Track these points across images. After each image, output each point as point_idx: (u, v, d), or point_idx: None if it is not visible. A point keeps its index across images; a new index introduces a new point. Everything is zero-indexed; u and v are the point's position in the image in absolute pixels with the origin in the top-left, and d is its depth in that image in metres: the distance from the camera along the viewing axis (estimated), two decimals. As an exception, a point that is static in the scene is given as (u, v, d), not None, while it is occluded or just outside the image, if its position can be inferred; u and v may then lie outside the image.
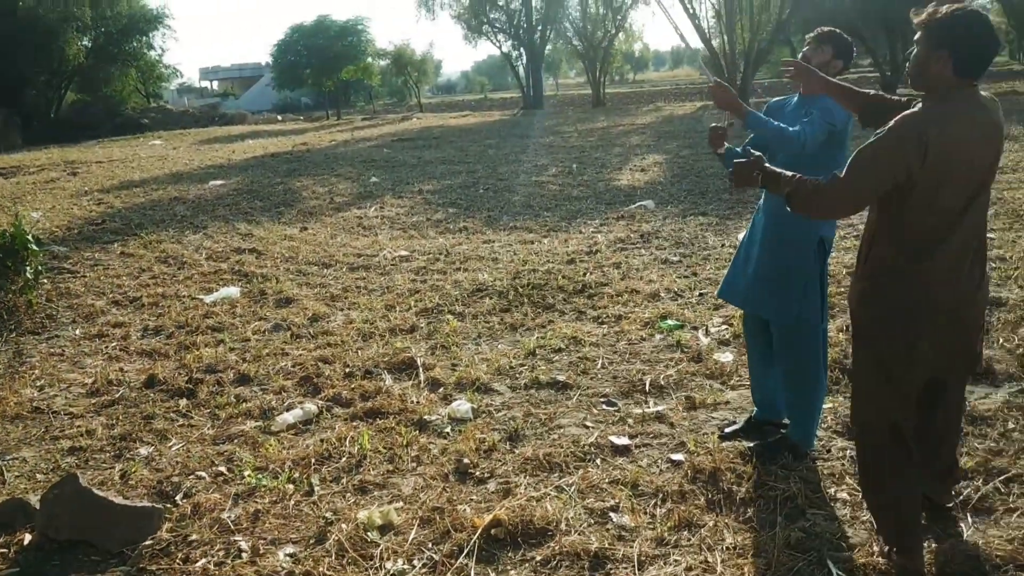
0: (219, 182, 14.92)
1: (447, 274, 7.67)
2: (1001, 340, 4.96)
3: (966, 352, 2.92)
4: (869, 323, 2.88)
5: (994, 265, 6.58)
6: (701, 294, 6.57)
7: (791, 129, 3.48)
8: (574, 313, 6.33)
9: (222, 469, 4.01)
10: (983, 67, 2.68)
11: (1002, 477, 3.47)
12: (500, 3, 35.59)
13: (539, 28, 35.75)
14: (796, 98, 3.78)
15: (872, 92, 3.20)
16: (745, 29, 32.02)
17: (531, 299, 6.68)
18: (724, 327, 5.68)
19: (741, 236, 8.17)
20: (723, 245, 8.20)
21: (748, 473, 3.65)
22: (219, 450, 4.24)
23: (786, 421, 3.99)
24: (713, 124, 3.82)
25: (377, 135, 26.37)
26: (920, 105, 2.76)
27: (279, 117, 43.70)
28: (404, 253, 8.66)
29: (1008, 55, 46.57)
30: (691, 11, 32.41)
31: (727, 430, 4.08)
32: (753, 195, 10.53)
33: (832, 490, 3.51)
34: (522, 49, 36.75)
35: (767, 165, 2.96)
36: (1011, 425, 3.92)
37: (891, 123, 2.68)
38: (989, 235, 7.50)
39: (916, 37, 2.77)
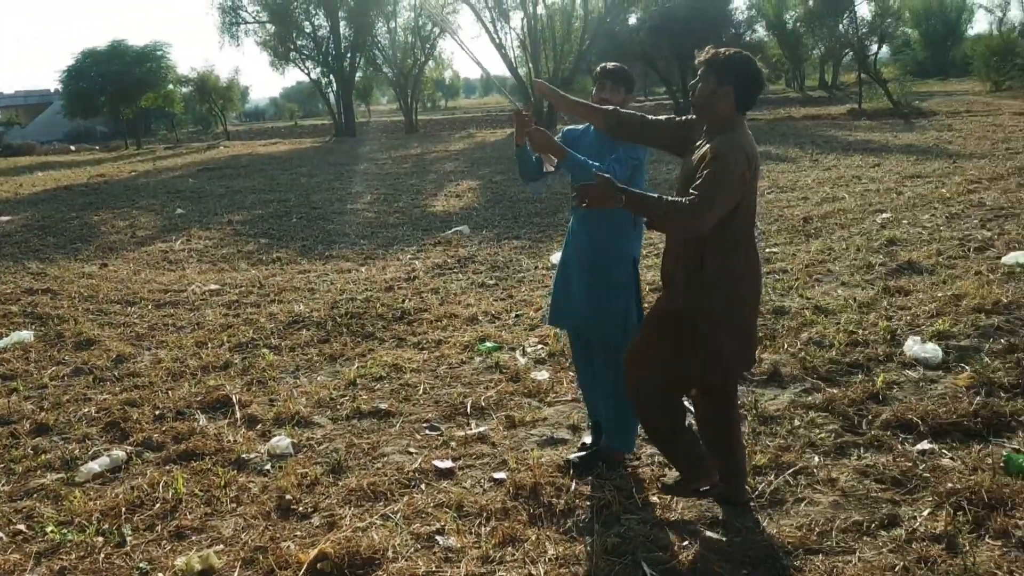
0: (6, 218, 13.81)
1: (261, 307, 7.47)
2: (786, 345, 5.42)
3: (755, 343, 3.48)
4: (717, 319, 3.24)
5: (777, 277, 7.18)
6: (517, 315, 6.76)
7: (603, 172, 3.66)
8: (394, 340, 6.34)
9: (21, 527, 3.72)
10: (755, 101, 3.20)
11: (791, 471, 3.80)
12: (307, 30, 35.07)
13: (348, 55, 35.52)
14: (592, 128, 3.92)
15: (611, 108, 3.57)
16: (549, 59, 33.28)
17: (350, 328, 6.63)
18: (540, 347, 5.87)
19: (554, 259, 8.47)
20: (536, 267, 8.47)
21: (566, 485, 3.79)
22: (16, 507, 3.93)
23: None
24: (519, 110, 3.82)
25: (181, 164, 25.27)
26: (721, 133, 3.14)
27: (72, 147, 40.87)
28: (214, 287, 8.35)
29: (784, 83, 50.86)
30: (498, 41, 33.34)
31: (574, 457, 4.07)
32: (563, 218, 10.95)
33: (643, 495, 3.72)
34: (332, 76, 36.34)
35: (630, 188, 3.16)
36: (796, 423, 4.29)
37: (717, 148, 3.06)
38: (772, 249, 8.21)
39: (700, 73, 3.15)
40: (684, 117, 3.47)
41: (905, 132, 20.17)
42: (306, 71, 36.79)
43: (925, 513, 3.38)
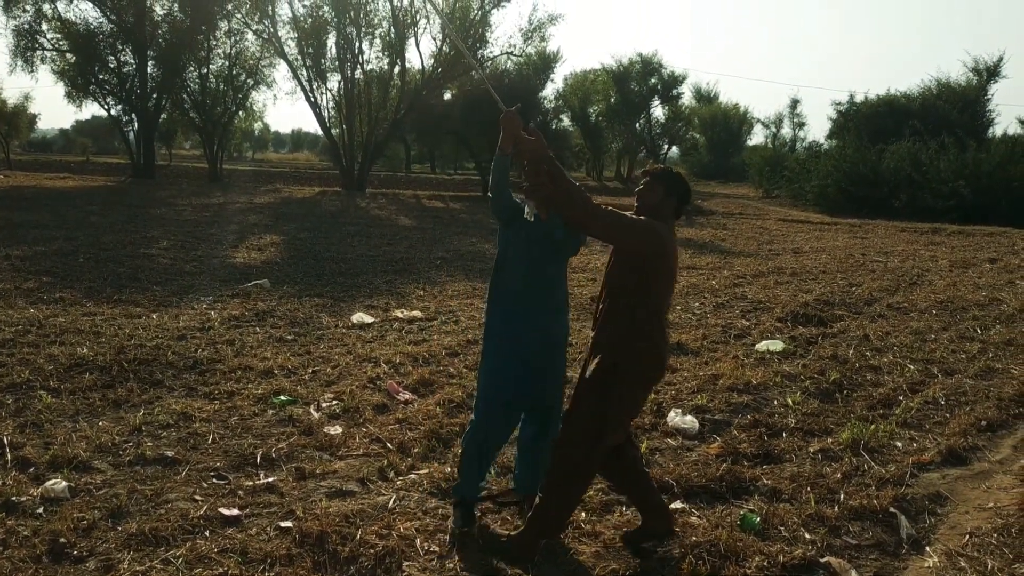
0: None
1: (40, 347, 7.09)
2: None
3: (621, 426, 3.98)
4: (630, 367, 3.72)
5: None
6: (314, 371, 6.84)
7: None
8: (184, 389, 6.24)
9: None
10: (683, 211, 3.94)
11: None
12: (111, 65, 33.48)
13: (154, 95, 34.19)
14: None
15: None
16: (364, 123, 33.61)
17: (137, 375, 6.45)
18: (335, 402, 5.99)
19: (361, 318, 8.60)
20: (337, 325, 8.58)
21: (352, 534, 3.94)
22: None
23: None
24: (510, 109, 3.76)
25: (-49, 190, 23.19)
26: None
27: None
28: (-14, 323, 7.82)
29: (585, 172, 53.95)
30: (313, 100, 33.34)
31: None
32: (366, 279, 11.13)
33: (427, 544, 3.93)
34: (134, 114, 34.76)
35: (558, 164, 3.64)
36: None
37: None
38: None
39: (647, 182, 3.82)
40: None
41: (686, 227, 22.04)
42: (106, 107, 34.95)
43: (672, 564, 3.82)
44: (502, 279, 4.16)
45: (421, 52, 33.94)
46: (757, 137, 64.76)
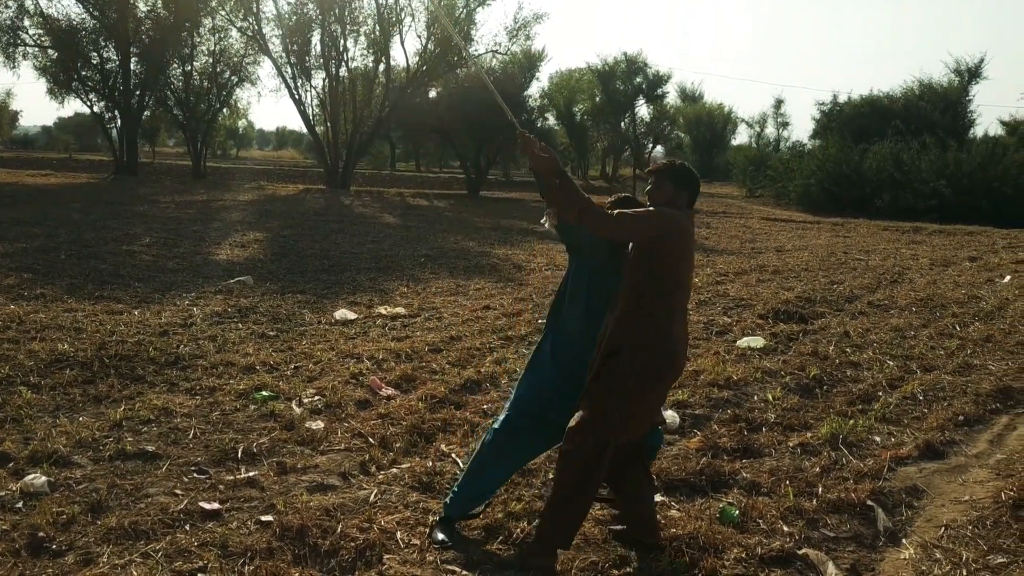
0: None
1: (20, 343, 7.04)
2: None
3: (633, 421, 3.80)
4: (633, 357, 3.63)
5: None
6: (296, 367, 6.83)
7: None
8: (166, 385, 6.22)
9: None
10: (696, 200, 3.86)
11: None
12: (94, 61, 33.25)
13: (137, 92, 33.98)
14: None
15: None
16: (348, 120, 33.55)
17: (118, 370, 6.42)
18: (318, 397, 5.99)
19: (346, 314, 8.59)
20: (320, 322, 8.57)
21: (333, 528, 3.95)
22: None
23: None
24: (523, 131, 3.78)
25: (-70, 186, 22.98)
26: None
27: None
28: (-35, 319, 7.76)
29: (570, 171, 54.04)
30: (297, 97, 33.24)
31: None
32: (349, 276, 11.13)
33: (408, 537, 3.95)
34: (117, 111, 34.53)
35: (569, 175, 3.62)
36: (550, 476, 4.69)
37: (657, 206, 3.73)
38: (542, 322, 8.78)
39: (654, 181, 3.77)
40: None
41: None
42: (89, 103, 34.76)
43: (651, 555, 3.85)
44: (560, 308, 4.11)
45: (406, 50, 34.05)
46: (741, 137, 65.21)
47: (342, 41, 32.66)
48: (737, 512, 4.27)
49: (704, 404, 6.13)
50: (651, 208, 3.71)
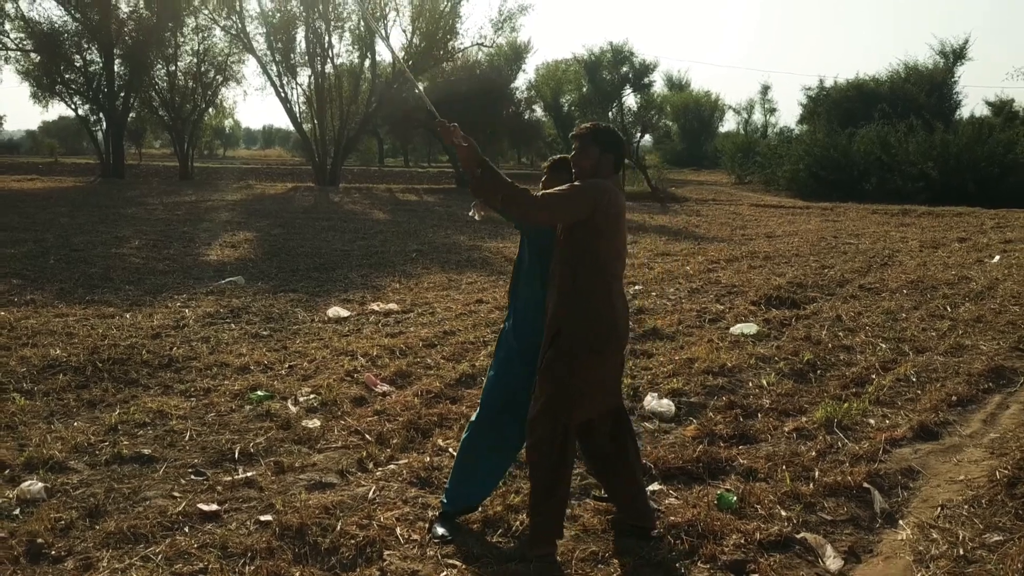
0: None
1: (12, 350, 7.00)
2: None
3: (583, 399, 3.80)
4: (575, 335, 3.65)
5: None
6: (291, 366, 6.82)
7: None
8: (160, 387, 6.20)
9: None
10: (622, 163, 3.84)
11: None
12: (77, 64, 33.03)
13: (122, 94, 33.77)
14: None
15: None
16: (335, 117, 33.42)
17: (112, 374, 6.40)
18: (312, 396, 5.98)
19: (336, 311, 8.58)
20: (313, 320, 8.56)
21: (332, 525, 3.95)
22: None
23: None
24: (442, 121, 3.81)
25: (-84, 194, 22.83)
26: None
27: None
28: (-44, 327, 7.72)
29: (559, 161, 53.87)
30: (283, 95, 33.10)
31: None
32: (341, 274, 11.10)
33: (408, 533, 3.95)
34: (102, 114, 34.33)
35: (490, 163, 3.60)
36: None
37: (580, 180, 3.69)
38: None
39: (579, 144, 3.70)
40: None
41: (660, 214, 22.15)
42: (73, 107, 34.54)
43: (650, 543, 3.86)
44: (515, 287, 4.09)
45: (391, 45, 33.65)
46: (729, 124, 65.26)
47: (327, 38, 32.52)
48: (735, 498, 4.29)
49: (699, 392, 6.15)
50: (576, 184, 3.65)
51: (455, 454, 4.84)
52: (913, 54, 65.68)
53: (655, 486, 4.52)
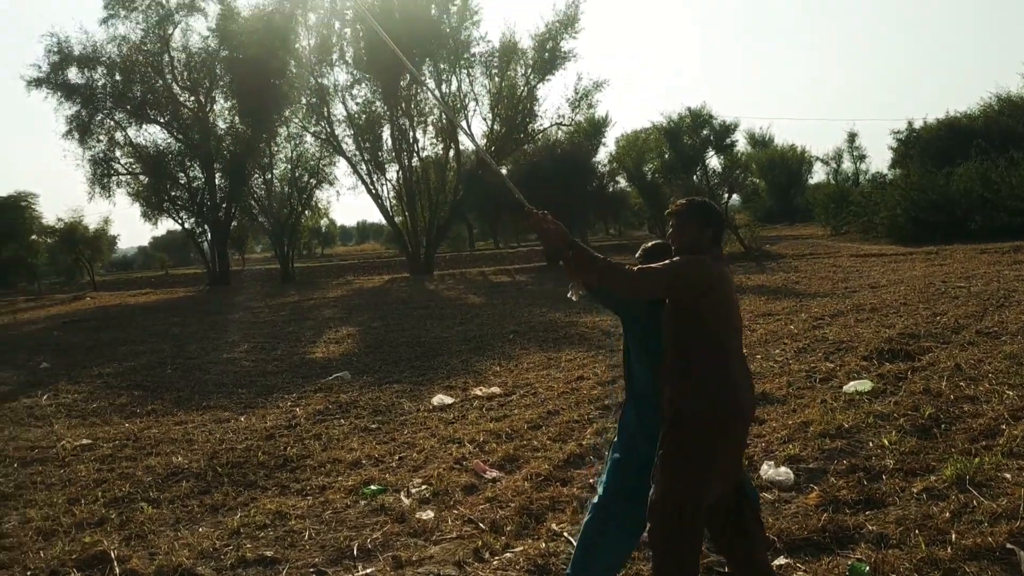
0: None
1: (137, 460, 7.33)
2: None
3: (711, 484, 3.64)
4: (703, 424, 3.52)
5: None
6: (401, 458, 6.90)
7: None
8: (277, 488, 6.36)
9: None
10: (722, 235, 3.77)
11: None
12: (182, 181, 35.12)
13: (223, 205, 35.63)
14: None
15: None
16: (425, 208, 34.36)
17: (231, 478, 6.61)
18: (424, 486, 6.03)
19: (439, 400, 8.68)
20: (419, 409, 8.67)
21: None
22: None
23: None
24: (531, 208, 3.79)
25: (44, 316, 24.38)
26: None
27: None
28: (86, 441, 8.13)
29: (647, 229, 53.85)
30: (375, 191, 34.29)
31: None
32: (443, 361, 11.25)
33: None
34: (206, 226, 36.23)
35: (579, 243, 3.56)
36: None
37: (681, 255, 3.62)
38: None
39: (677, 221, 3.68)
40: None
41: (757, 273, 21.75)
42: (180, 221, 36.55)
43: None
44: (628, 368, 4.04)
45: (473, 133, 34.55)
46: (818, 175, 64.00)
47: (411, 133, 33.73)
48: (867, 568, 4.09)
49: (817, 456, 5.93)
50: (674, 260, 3.57)
51: (570, 539, 4.79)
52: (1005, 85, 63.32)
53: (781, 559, 4.35)
